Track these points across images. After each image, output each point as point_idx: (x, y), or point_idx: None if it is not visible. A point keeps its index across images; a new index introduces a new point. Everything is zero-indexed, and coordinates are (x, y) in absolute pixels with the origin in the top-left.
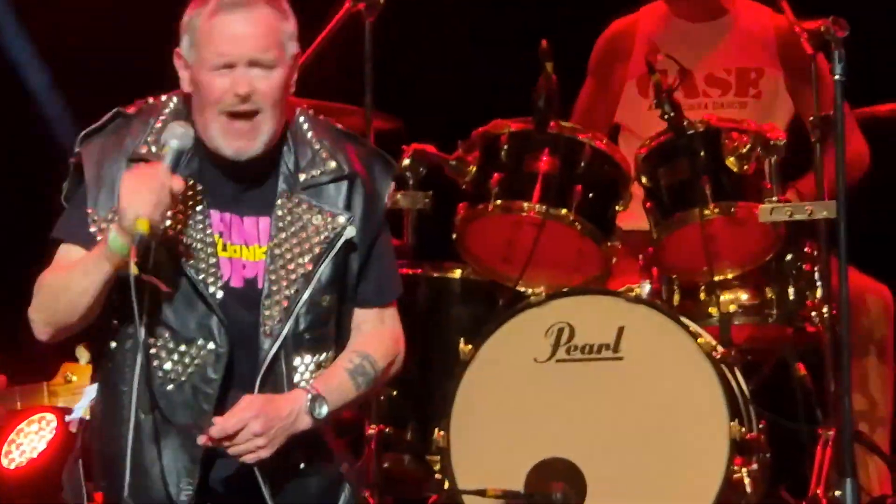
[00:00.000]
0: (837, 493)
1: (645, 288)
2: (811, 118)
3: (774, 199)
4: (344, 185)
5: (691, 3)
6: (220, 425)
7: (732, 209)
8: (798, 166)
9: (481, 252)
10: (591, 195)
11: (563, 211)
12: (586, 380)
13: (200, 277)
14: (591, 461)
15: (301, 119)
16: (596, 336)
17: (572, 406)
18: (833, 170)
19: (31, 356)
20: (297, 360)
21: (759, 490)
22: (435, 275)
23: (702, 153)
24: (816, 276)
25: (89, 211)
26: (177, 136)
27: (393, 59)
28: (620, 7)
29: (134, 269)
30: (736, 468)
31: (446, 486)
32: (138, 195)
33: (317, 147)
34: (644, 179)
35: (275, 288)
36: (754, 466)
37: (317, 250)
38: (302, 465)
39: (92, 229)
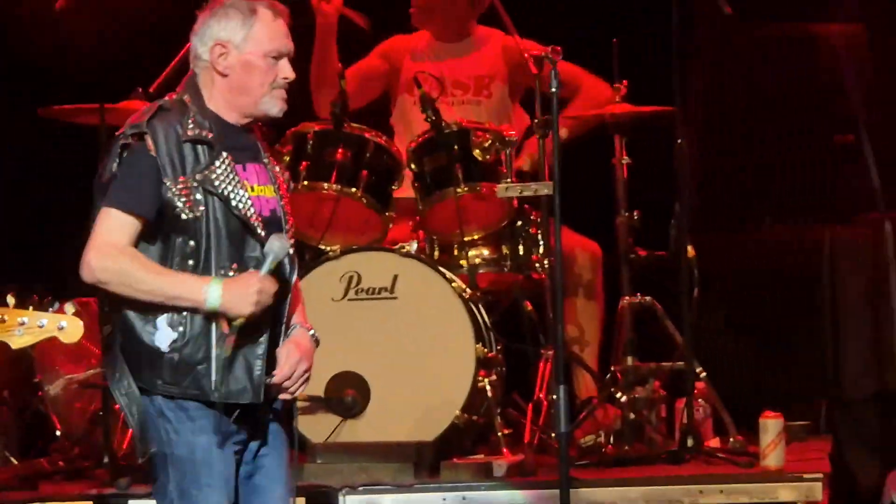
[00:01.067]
0: (554, 396)
1: (413, 246)
2: (535, 119)
3: (509, 180)
4: None
5: (444, 29)
6: (280, 375)
7: (478, 188)
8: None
9: (293, 220)
10: (374, 178)
11: (354, 189)
12: (370, 313)
13: (249, 217)
14: (374, 374)
15: None
16: (377, 281)
17: (360, 332)
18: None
19: None
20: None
21: (497, 395)
22: None
23: (455, 147)
24: (539, 236)
25: (166, 182)
26: (275, 250)
27: None
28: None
29: (225, 329)
30: (480, 378)
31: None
32: (244, 301)
33: None
34: (413, 166)
35: (288, 218)
36: (494, 377)
37: (289, 187)
38: None
39: (168, 195)
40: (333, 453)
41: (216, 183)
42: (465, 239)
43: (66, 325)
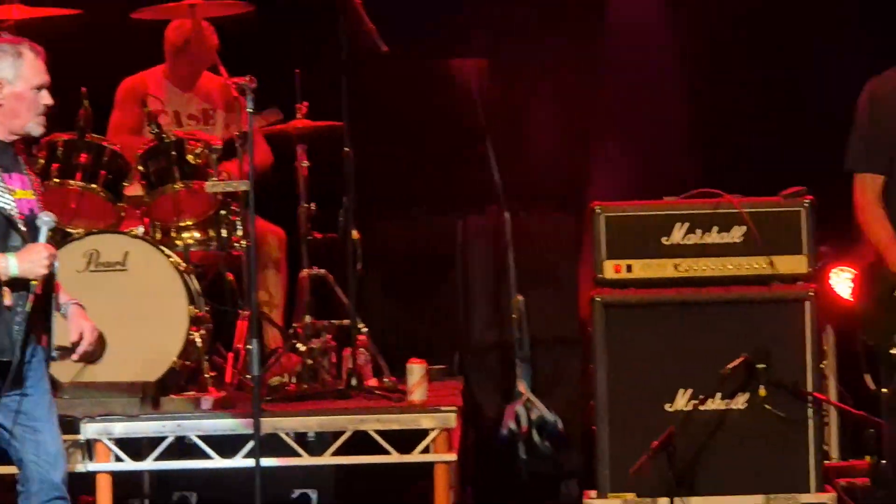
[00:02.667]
0: (249, 346)
1: (140, 230)
2: (237, 133)
3: (215, 179)
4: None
5: (179, 80)
6: (86, 343)
7: (191, 185)
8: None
9: (47, 209)
10: (110, 177)
11: (94, 186)
12: (107, 282)
13: (13, 216)
14: (110, 329)
15: None
16: (112, 257)
17: (99, 297)
18: (247, 161)
19: None
20: None
21: (205, 346)
22: None
23: (173, 152)
24: (238, 222)
25: None
26: (46, 221)
27: None
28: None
29: (34, 283)
30: (192, 333)
31: None
32: (38, 265)
33: None
34: (140, 167)
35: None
36: (203, 332)
37: (41, 187)
38: None
39: None
40: (77, 390)
41: None
42: (181, 224)
43: None
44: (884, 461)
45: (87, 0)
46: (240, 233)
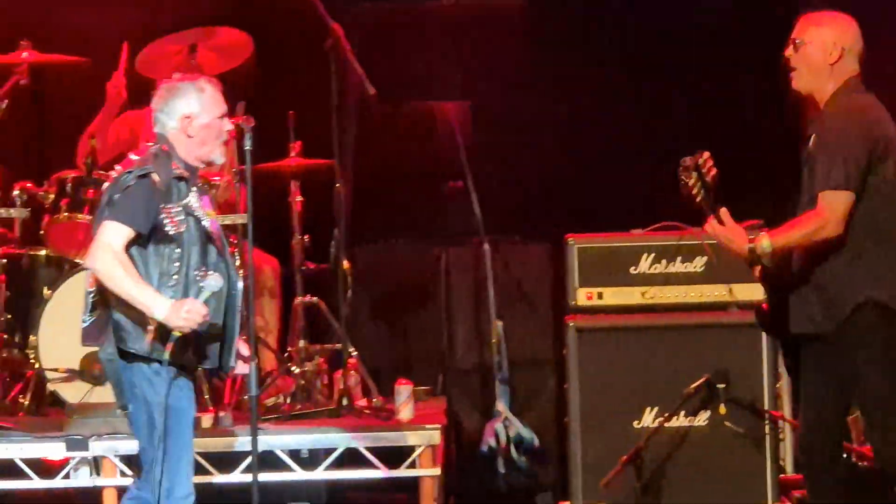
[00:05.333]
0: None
1: None
2: (234, 170)
3: (212, 211)
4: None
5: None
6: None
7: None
8: None
9: (57, 242)
10: None
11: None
12: None
13: (211, 232)
14: None
15: None
16: None
17: None
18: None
19: None
20: None
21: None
22: (31, 253)
23: None
24: (237, 253)
25: (161, 206)
26: (210, 285)
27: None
28: None
29: (176, 334)
30: None
31: (36, 366)
32: (183, 320)
33: None
34: None
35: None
36: None
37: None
38: None
39: (161, 216)
40: (85, 411)
41: (192, 207)
42: None
43: None
44: None
45: (94, 46)
46: (238, 262)
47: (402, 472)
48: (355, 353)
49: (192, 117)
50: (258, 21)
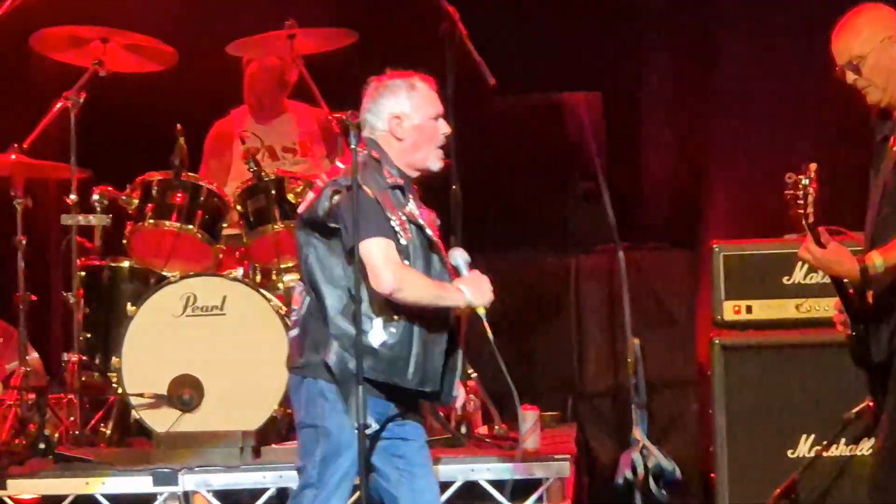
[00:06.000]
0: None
1: (239, 272)
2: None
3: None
4: None
5: (263, 112)
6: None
7: (291, 224)
8: None
9: (141, 251)
10: (207, 217)
11: (191, 226)
12: (204, 327)
13: (436, 244)
14: (208, 376)
15: None
16: (210, 301)
17: (196, 342)
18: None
19: None
20: None
21: None
22: (113, 265)
23: (273, 191)
24: None
25: (387, 216)
26: (465, 256)
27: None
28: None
29: (482, 311)
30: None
31: (119, 391)
32: (486, 293)
33: None
34: (239, 207)
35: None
36: None
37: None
38: None
39: (395, 227)
40: (174, 441)
41: (415, 215)
42: (282, 266)
43: None
44: None
45: (182, 36)
46: None
47: None
48: (475, 374)
49: (401, 118)
50: (362, 2)
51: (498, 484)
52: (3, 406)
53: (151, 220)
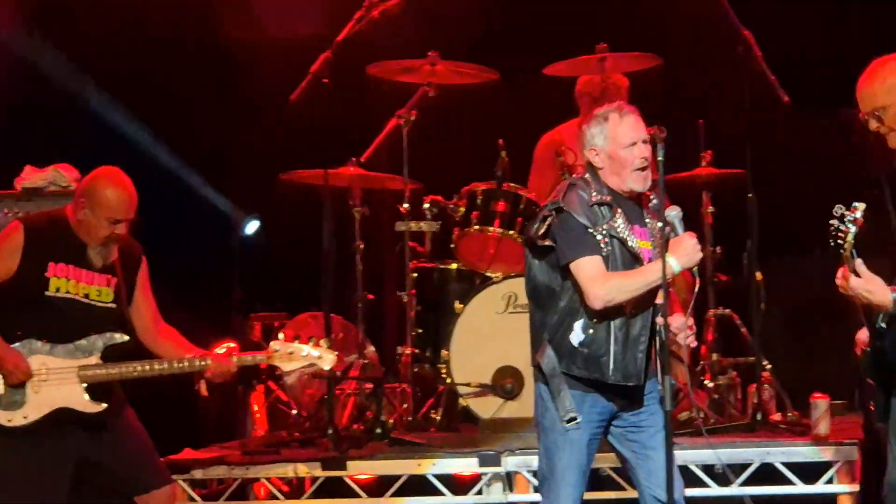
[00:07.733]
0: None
1: None
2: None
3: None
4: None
5: None
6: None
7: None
8: None
9: (467, 255)
10: (526, 223)
11: (512, 232)
12: (525, 324)
13: (640, 253)
14: (528, 366)
15: None
16: None
17: (517, 336)
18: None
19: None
20: None
21: None
22: (442, 267)
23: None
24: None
25: (590, 231)
26: (679, 215)
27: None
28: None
29: (694, 269)
30: None
31: (448, 381)
32: (694, 254)
33: None
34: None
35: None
36: None
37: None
38: None
39: (602, 243)
40: (497, 426)
41: (617, 230)
42: None
43: (320, 354)
44: None
45: (503, 58)
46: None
47: (819, 487)
48: (769, 366)
49: (596, 150)
50: (665, 28)
51: (792, 466)
52: (343, 395)
53: (476, 227)
